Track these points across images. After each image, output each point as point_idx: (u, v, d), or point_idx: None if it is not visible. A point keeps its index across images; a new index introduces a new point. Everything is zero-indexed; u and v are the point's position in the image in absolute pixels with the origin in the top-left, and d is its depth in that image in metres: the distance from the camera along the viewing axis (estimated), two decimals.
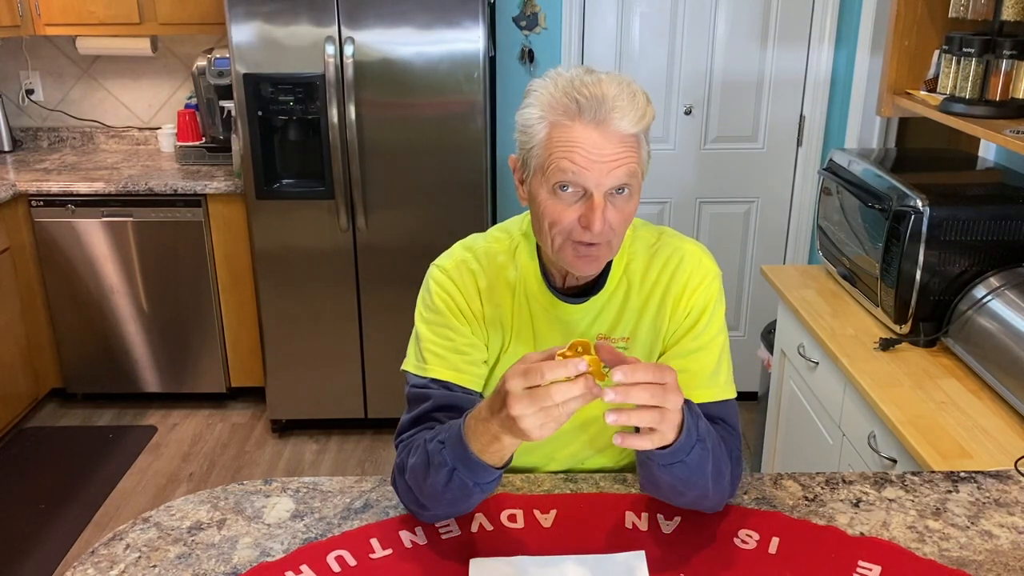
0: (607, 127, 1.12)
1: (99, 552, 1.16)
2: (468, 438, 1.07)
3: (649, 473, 1.13)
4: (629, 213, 1.19)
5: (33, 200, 3.26)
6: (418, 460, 1.15)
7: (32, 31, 3.40)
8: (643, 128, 1.15)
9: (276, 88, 2.95)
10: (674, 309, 1.30)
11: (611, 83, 1.14)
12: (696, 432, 1.08)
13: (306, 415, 3.39)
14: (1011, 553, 1.16)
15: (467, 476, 1.09)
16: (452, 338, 1.27)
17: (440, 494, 1.13)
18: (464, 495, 1.12)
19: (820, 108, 3.29)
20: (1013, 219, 1.90)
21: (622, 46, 3.28)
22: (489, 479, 1.10)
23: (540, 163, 1.16)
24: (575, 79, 1.14)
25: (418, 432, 1.22)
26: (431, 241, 1.57)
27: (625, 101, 1.12)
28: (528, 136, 1.18)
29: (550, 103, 1.15)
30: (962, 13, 2.05)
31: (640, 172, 1.17)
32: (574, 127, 1.13)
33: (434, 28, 2.89)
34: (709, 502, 1.18)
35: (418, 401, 1.26)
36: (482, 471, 1.08)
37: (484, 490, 1.12)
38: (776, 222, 3.48)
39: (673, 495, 1.16)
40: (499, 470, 1.10)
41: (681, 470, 1.09)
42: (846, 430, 1.97)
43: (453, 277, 1.30)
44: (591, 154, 1.12)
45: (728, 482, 1.19)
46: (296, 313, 3.23)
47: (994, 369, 1.74)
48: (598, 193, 1.13)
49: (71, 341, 3.46)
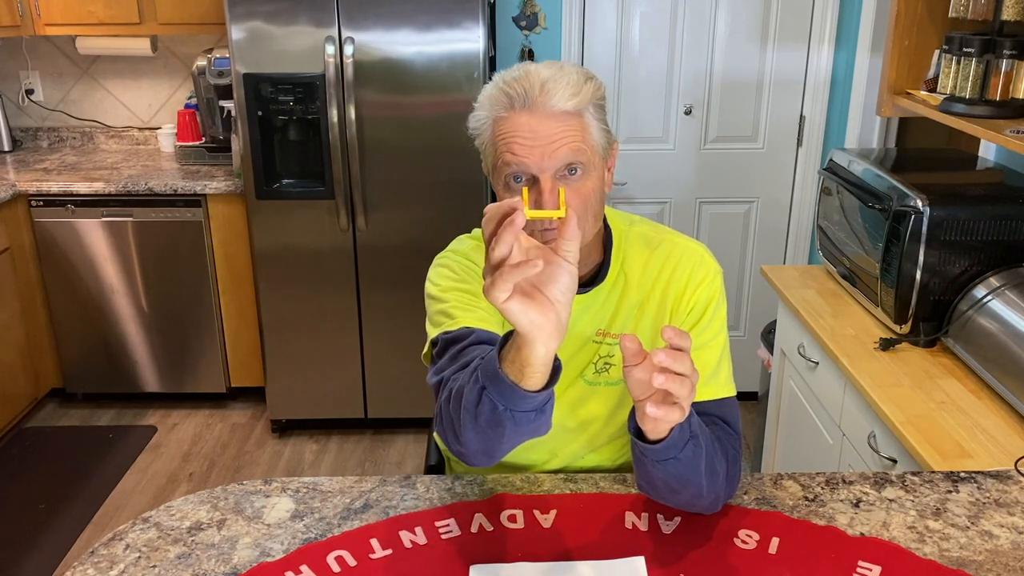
0: (540, 110, 1.14)
1: (99, 552, 1.16)
2: (501, 355, 1.01)
3: (644, 471, 1.13)
4: (587, 193, 1.19)
5: (33, 200, 3.26)
6: (461, 382, 1.09)
7: (32, 31, 3.40)
8: (581, 103, 1.16)
9: (276, 88, 2.95)
10: (676, 306, 1.30)
11: (542, 69, 1.17)
12: (689, 429, 1.08)
13: (306, 415, 3.39)
14: (1011, 553, 1.16)
15: (497, 396, 1.00)
16: (476, 295, 1.27)
17: (474, 419, 1.05)
18: (495, 423, 1.03)
19: (820, 108, 3.29)
20: (1013, 219, 1.90)
21: (622, 46, 3.28)
22: (520, 406, 1.00)
23: (492, 161, 1.20)
24: (507, 75, 1.19)
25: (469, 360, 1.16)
26: (431, 241, 1.57)
27: (554, 82, 1.15)
28: (480, 138, 1.22)
29: (490, 101, 1.19)
30: (962, 13, 2.05)
31: (589, 149, 1.17)
32: (511, 118, 1.16)
33: (434, 28, 2.89)
34: (704, 501, 1.18)
35: (455, 342, 1.21)
36: (509, 392, 0.99)
37: (518, 421, 1.02)
38: (776, 222, 3.47)
39: (668, 493, 1.16)
40: (531, 396, 1.00)
41: (675, 467, 1.09)
42: (846, 430, 1.97)
43: (468, 255, 1.34)
44: (528, 139, 1.14)
45: (724, 481, 1.18)
46: (296, 313, 3.23)
47: (994, 369, 1.74)
48: (544, 177, 1.15)
49: (71, 341, 3.46)
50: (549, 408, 1.05)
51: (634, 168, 3.36)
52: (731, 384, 1.30)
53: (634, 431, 1.09)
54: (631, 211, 1.50)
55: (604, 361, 1.33)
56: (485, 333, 1.22)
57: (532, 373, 0.98)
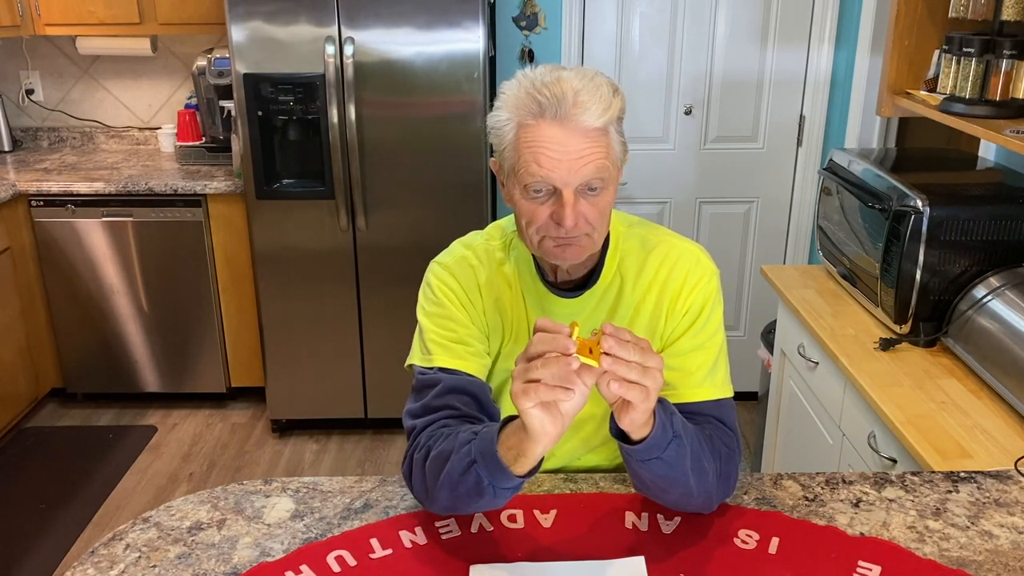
0: (571, 123, 1.12)
1: (99, 552, 1.16)
2: (499, 438, 1.08)
3: (632, 471, 1.14)
4: (604, 207, 1.19)
5: (33, 200, 3.26)
6: (446, 447, 1.15)
7: (32, 31, 3.40)
8: (609, 120, 1.15)
9: (276, 88, 2.95)
10: (671, 308, 1.30)
11: (574, 78, 1.14)
12: (671, 428, 1.08)
13: (306, 415, 3.39)
14: (1011, 553, 1.16)
15: (484, 473, 1.08)
16: (455, 329, 1.28)
17: (454, 484, 1.12)
18: (475, 493, 1.11)
19: (820, 108, 3.29)
20: (1013, 219, 1.90)
21: (622, 46, 3.28)
22: (504, 484, 1.09)
23: (512, 165, 1.18)
24: (537, 78, 1.15)
25: (444, 419, 1.22)
26: (431, 241, 1.57)
27: (588, 95, 1.12)
28: (499, 139, 1.19)
29: (515, 104, 1.16)
30: (962, 13, 2.05)
31: (611, 165, 1.17)
32: (539, 126, 1.13)
33: (434, 28, 2.89)
34: (695, 500, 1.18)
35: (427, 387, 1.26)
36: (499, 472, 1.08)
37: (497, 495, 1.11)
38: (776, 222, 3.47)
39: (659, 492, 1.17)
40: (517, 479, 1.09)
41: (659, 467, 1.10)
42: (846, 430, 1.97)
43: (454, 272, 1.32)
44: (556, 153, 1.13)
45: (715, 479, 1.18)
46: (296, 313, 3.23)
47: (994, 369, 1.74)
48: (567, 191, 1.14)
49: (71, 341, 3.46)
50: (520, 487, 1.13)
51: (634, 168, 3.35)
52: (728, 385, 1.30)
53: (615, 433, 1.10)
54: (631, 211, 1.50)
55: None
56: (453, 380, 1.25)
57: (525, 463, 1.07)
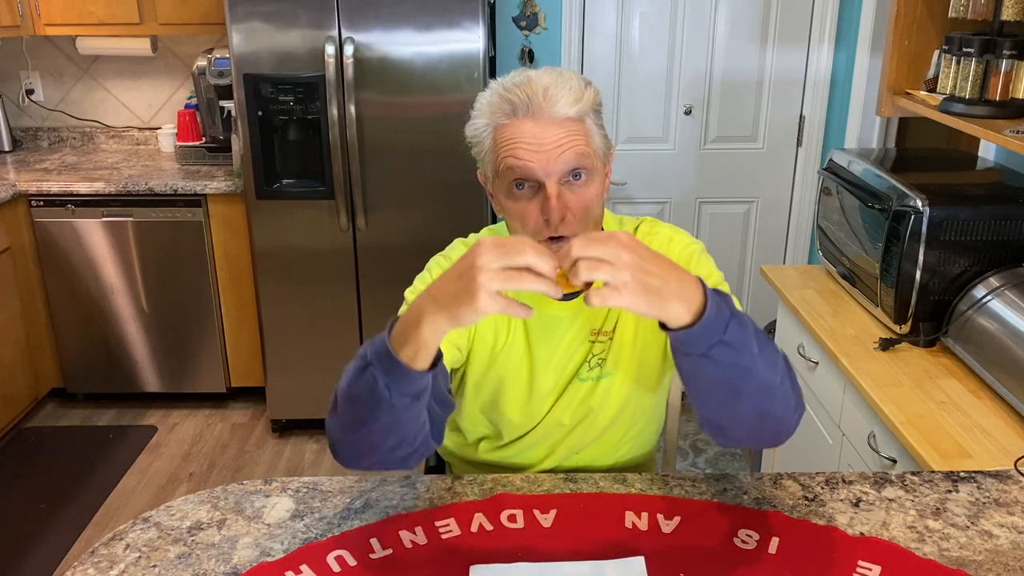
0: (544, 116, 1.15)
1: (99, 552, 1.16)
2: (393, 329, 1.02)
3: (696, 379, 1.04)
4: (590, 199, 1.20)
5: (33, 200, 3.26)
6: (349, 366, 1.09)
7: (32, 31, 3.40)
8: (583, 109, 1.17)
9: (276, 88, 2.95)
10: None
11: (543, 76, 1.18)
12: (728, 309, 1.00)
13: (306, 415, 3.39)
14: (1011, 553, 1.16)
15: (378, 371, 1.01)
16: None
17: (348, 396, 1.05)
18: (370, 401, 1.03)
19: (820, 108, 3.29)
20: (1013, 219, 1.90)
21: (622, 46, 3.28)
22: (400, 381, 1.01)
23: (494, 168, 1.20)
24: (507, 82, 1.19)
25: None
26: (431, 241, 1.57)
27: (557, 88, 1.15)
28: (479, 146, 1.23)
29: (489, 109, 1.20)
30: (962, 13, 2.05)
31: (592, 154, 1.19)
32: (513, 124, 1.17)
33: (434, 28, 2.89)
34: (779, 398, 1.07)
35: None
36: (393, 366, 1.00)
37: (394, 400, 1.02)
38: (776, 222, 3.48)
39: (731, 400, 1.05)
40: (413, 373, 1.00)
41: (724, 353, 0.99)
42: (846, 430, 1.97)
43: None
44: (533, 145, 1.15)
45: (785, 373, 1.08)
46: (296, 313, 3.23)
47: (994, 369, 1.74)
48: (550, 183, 1.16)
49: (71, 341, 3.46)
50: (423, 402, 1.05)
51: (634, 168, 3.35)
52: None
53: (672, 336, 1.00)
54: (631, 211, 1.51)
55: (598, 358, 1.36)
56: None
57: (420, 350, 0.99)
